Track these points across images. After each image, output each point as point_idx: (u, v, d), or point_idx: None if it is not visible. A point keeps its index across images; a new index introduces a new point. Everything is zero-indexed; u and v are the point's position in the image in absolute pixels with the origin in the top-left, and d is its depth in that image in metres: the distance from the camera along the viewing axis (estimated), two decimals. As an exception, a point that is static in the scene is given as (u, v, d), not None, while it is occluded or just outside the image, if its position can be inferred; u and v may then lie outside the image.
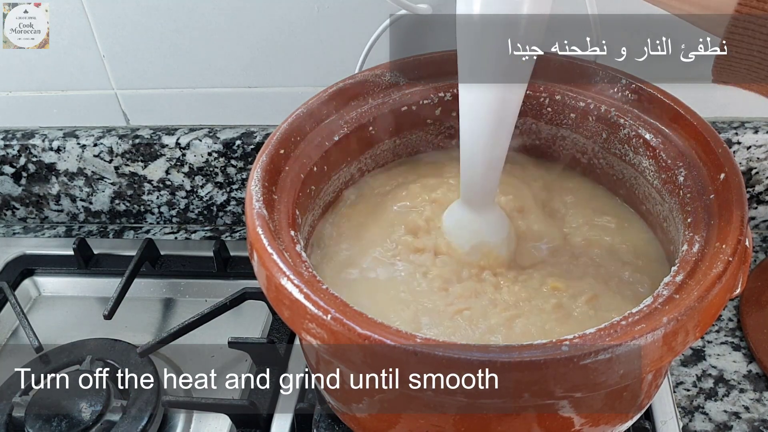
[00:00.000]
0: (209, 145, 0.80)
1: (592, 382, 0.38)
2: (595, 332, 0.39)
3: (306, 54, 0.74)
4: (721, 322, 0.70)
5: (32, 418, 0.64)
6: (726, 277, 0.42)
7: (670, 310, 0.39)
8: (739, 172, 0.48)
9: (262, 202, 0.49)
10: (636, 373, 0.39)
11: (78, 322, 0.77)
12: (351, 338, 0.40)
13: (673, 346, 0.40)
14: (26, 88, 0.82)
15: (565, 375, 0.38)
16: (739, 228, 0.44)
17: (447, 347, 0.38)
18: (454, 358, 0.37)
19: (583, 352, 0.37)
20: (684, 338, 0.40)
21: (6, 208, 0.91)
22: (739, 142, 0.74)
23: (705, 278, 0.41)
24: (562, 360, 0.37)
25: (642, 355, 0.38)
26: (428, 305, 0.52)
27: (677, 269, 0.44)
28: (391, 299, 0.53)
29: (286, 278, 0.43)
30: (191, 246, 0.85)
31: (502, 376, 0.37)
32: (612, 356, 0.37)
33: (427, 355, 0.38)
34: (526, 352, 0.37)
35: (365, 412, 0.50)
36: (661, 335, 0.38)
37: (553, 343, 0.38)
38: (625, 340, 0.37)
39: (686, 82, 0.70)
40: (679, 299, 0.41)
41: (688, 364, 0.67)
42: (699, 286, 0.41)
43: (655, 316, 0.39)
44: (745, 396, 0.64)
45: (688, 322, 0.40)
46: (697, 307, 0.40)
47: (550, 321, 0.49)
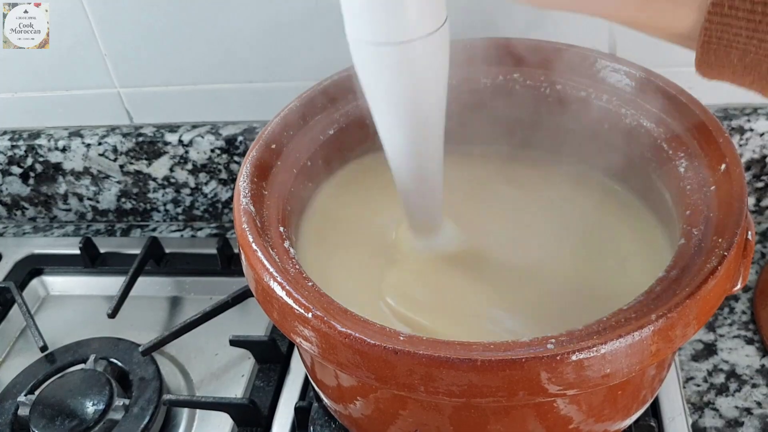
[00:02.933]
0: (212, 142, 0.80)
1: (579, 381, 0.37)
2: (582, 330, 0.38)
3: (307, 48, 0.74)
4: (734, 315, 0.69)
5: (37, 417, 0.64)
6: (721, 272, 0.40)
7: (660, 306, 0.38)
8: (740, 162, 0.47)
9: (249, 198, 0.49)
10: (627, 371, 0.38)
11: (85, 321, 0.78)
12: (332, 336, 0.39)
13: (666, 342, 0.38)
14: (31, 88, 0.82)
15: (551, 373, 0.37)
16: (737, 221, 0.42)
17: (429, 345, 0.37)
18: (435, 357, 0.36)
19: (567, 351, 0.36)
20: (677, 334, 0.38)
21: (16, 209, 0.91)
22: (752, 129, 0.71)
23: (699, 274, 0.40)
24: (546, 359, 0.36)
25: (630, 353, 0.37)
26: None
27: (672, 264, 0.43)
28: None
29: (268, 275, 0.43)
30: (196, 243, 0.85)
31: (484, 374, 0.36)
32: (598, 355, 0.36)
33: (408, 354, 0.37)
34: (509, 351, 0.36)
35: (358, 412, 0.49)
36: (650, 332, 0.37)
37: (539, 340, 0.37)
38: (611, 339, 0.36)
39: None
40: (671, 295, 0.39)
41: (699, 358, 0.65)
42: (692, 283, 0.39)
43: (644, 313, 0.38)
44: (757, 391, 0.62)
45: (680, 319, 0.38)
46: (689, 304, 0.38)
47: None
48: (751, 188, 0.75)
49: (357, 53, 0.45)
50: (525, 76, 0.61)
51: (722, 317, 0.68)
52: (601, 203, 0.59)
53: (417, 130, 0.47)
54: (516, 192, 0.62)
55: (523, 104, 0.61)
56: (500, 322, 0.50)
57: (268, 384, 0.67)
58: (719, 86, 0.70)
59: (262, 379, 0.68)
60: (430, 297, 0.53)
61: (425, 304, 0.52)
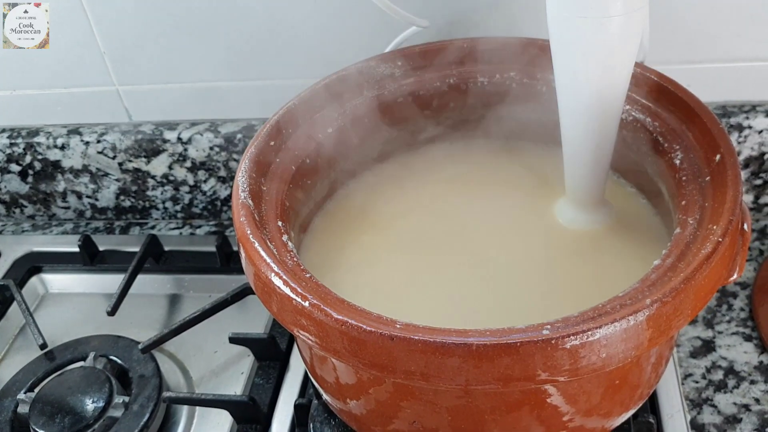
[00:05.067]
0: (210, 140, 0.80)
1: (575, 366, 0.37)
2: (578, 315, 0.38)
3: (305, 46, 0.74)
4: (733, 312, 0.69)
5: (36, 415, 0.64)
6: (716, 258, 0.40)
7: (655, 292, 0.38)
8: (734, 152, 0.47)
9: (248, 193, 0.49)
10: (622, 356, 0.38)
11: (84, 319, 0.78)
12: (329, 324, 0.39)
13: (660, 329, 0.38)
14: (29, 86, 0.83)
15: (547, 358, 0.37)
16: (732, 209, 0.43)
17: (425, 331, 0.37)
18: (431, 342, 0.36)
19: (563, 335, 0.36)
20: (671, 321, 0.38)
21: (15, 206, 0.91)
22: (750, 126, 0.72)
23: (693, 260, 0.40)
24: (541, 343, 0.36)
25: (625, 339, 0.37)
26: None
27: (667, 252, 0.43)
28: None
29: (266, 267, 0.43)
30: (195, 241, 0.85)
31: (480, 359, 0.36)
32: (593, 339, 0.36)
33: (404, 340, 0.37)
34: (505, 336, 0.36)
35: (358, 407, 0.49)
36: (644, 318, 0.37)
37: (534, 326, 0.37)
38: (606, 323, 0.36)
39: (698, 63, 0.69)
40: (666, 282, 0.39)
41: (697, 355, 0.65)
42: (687, 269, 0.40)
43: (639, 299, 0.38)
44: (755, 388, 0.62)
45: (675, 305, 0.38)
46: (683, 289, 0.38)
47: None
48: (749, 185, 0.75)
49: (558, 27, 0.47)
50: (521, 74, 0.61)
51: (720, 314, 0.68)
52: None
53: (601, 107, 0.49)
54: (516, 186, 0.62)
55: (519, 101, 0.61)
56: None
57: (267, 381, 0.67)
58: (718, 84, 0.71)
59: (262, 376, 0.68)
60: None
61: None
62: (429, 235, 0.59)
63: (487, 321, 0.40)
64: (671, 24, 0.67)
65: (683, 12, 0.66)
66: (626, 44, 0.47)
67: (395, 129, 0.64)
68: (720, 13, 0.66)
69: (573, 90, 0.50)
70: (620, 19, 0.44)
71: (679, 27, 0.67)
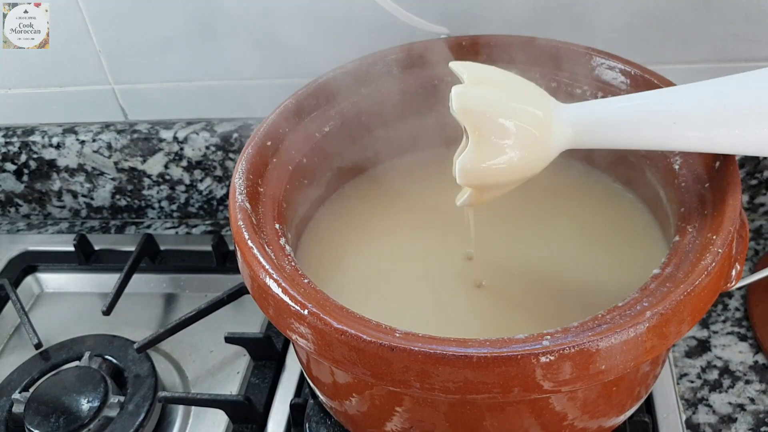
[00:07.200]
0: (206, 139, 0.80)
1: (574, 377, 0.37)
2: (577, 326, 0.38)
3: (302, 45, 0.73)
4: (728, 312, 0.69)
5: (31, 415, 0.64)
6: (715, 269, 0.40)
7: (655, 303, 0.38)
8: (734, 159, 0.47)
9: (245, 195, 0.49)
10: (621, 367, 0.38)
11: (80, 318, 0.77)
12: (328, 333, 0.39)
13: (660, 338, 0.38)
14: (25, 84, 0.82)
15: (546, 369, 0.37)
16: (732, 218, 0.43)
17: (425, 341, 0.37)
18: (431, 353, 0.36)
19: (562, 347, 0.36)
20: (671, 331, 0.39)
21: (9, 205, 0.91)
22: (746, 127, 0.72)
23: (693, 271, 0.40)
24: (541, 353, 0.36)
25: (625, 350, 0.37)
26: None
27: (666, 261, 0.43)
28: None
29: (264, 272, 0.43)
30: (191, 240, 0.85)
31: (480, 370, 0.36)
32: (593, 351, 0.36)
33: (404, 350, 0.37)
34: (504, 347, 0.36)
35: (354, 409, 0.49)
36: (645, 329, 0.37)
37: (534, 336, 0.37)
38: (606, 335, 0.36)
39: (694, 64, 0.69)
40: (665, 292, 0.39)
41: (692, 355, 0.65)
42: (686, 279, 0.40)
43: (639, 310, 0.38)
44: (750, 387, 0.63)
45: (674, 316, 0.38)
46: (683, 301, 0.38)
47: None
48: (744, 185, 0.75)
49: None
50: (519, 73, 0.60)
51: (716, 314, 0.69)
52: (598, 200, 0.59)
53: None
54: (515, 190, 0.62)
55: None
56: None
57: (263, 381, 0.67)
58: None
59: (258, 376, 0.68)
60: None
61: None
62: (429, 237, 0.59)
63: (486, 327, 0.40)
64: (668, 24, 0.67)
65: (681, 12, 0.66)
66: None
67: (392, 129, 0.63)
68: (717, 13, 0.66)
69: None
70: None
71: (675, 27, 0.67)
